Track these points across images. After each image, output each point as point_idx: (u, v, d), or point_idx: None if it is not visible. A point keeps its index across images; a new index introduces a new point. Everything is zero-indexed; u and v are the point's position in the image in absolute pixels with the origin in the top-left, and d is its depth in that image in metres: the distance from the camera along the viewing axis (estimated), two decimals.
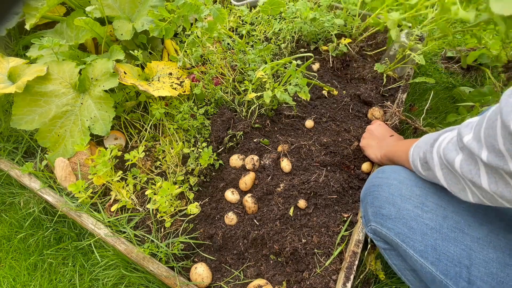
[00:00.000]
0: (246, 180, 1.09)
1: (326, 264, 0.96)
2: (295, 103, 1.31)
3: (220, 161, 1.17)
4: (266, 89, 1.16)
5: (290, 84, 1.16)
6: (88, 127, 1.16)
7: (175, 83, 1.28)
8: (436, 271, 0.67)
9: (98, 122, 1.16)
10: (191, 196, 1.10)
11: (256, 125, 1.24)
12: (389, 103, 1.29)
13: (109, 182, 1.12)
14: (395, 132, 1.12)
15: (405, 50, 1.27)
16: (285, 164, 1.14)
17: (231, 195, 1.09)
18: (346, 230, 1.03)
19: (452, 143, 0.61)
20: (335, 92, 1.37)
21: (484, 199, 0.57)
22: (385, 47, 1.48)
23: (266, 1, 1.23)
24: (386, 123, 1.21)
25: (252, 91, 1.24)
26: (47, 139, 1.17)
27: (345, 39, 1.45)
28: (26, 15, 1.39)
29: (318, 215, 1.06)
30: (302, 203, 1.06)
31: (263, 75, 1.13)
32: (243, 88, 1.32)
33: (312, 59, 1.24)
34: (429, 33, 1.35)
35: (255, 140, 1.21)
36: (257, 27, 1.63)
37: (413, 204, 0.74)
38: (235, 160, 1.16)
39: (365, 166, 1.17)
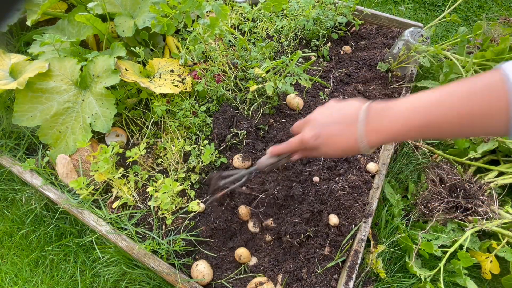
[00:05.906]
0: None
1: (329, 265, 0.96)
2: (297, 93, 1.31)
3: (222, 159, 1.17)
4: (268, 80, 1.16)
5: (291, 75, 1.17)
6: (90, 124, 1.16)
7: (177, 80, 1.28)
8: None
9: (100, 119, 1.16)
10: (193, 193, 1.10)
11: (260, 126, 1.24)
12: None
13: (110, 179, 1.12)
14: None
15: (410, 51, 1.27)
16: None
17: None
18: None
19: None
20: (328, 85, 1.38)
21: None
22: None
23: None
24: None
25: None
26: (49, 136, 1.17)
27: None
28: (28, 12, 1.39)
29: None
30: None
31: (261, 72, 1.14)
32: (245, 86, 1.32)
33: (315, 58, 1.23)
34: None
35: (258, 140, 1.20)
36: (259, 24, 1.62)
37: None
38: (237, 160, 1.16)
39: (371, 166, 1.15)
